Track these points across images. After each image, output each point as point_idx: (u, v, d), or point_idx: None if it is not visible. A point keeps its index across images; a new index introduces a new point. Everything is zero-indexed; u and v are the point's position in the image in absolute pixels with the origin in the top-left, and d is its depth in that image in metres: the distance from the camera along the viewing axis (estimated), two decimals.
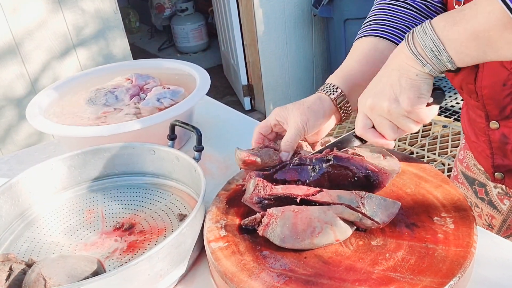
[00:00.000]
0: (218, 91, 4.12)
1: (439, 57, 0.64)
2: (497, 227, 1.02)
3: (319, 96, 0.83)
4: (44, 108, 1.18)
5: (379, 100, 0.69)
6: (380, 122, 0.72)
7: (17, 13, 2.35)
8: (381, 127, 0.72)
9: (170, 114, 1.05)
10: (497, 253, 0.75)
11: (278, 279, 0.67)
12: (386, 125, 0.71)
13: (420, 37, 0.65)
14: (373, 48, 0.86)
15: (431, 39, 0.64)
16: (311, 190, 0.76)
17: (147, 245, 0.84)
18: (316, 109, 0.81)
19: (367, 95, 0.72)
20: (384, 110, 0.70)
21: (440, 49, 0.63)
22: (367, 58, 0.85)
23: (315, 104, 0.82)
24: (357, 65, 0.85)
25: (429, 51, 0.64)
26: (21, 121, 2.51)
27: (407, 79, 0.67)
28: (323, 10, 3.21)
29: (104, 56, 2.69)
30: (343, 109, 0.84)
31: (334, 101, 0.83)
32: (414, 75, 0.67)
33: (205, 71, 1.24)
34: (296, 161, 0.80)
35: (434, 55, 0.64)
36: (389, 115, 0.70)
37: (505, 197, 0.98)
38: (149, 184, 1.01)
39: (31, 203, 0.95)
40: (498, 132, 0.89)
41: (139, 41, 5.67)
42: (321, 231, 0.71)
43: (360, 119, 0.75)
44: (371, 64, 0.84)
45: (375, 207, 0.72)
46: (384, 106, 0.69)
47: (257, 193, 0.77)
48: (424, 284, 0.63)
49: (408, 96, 0.67)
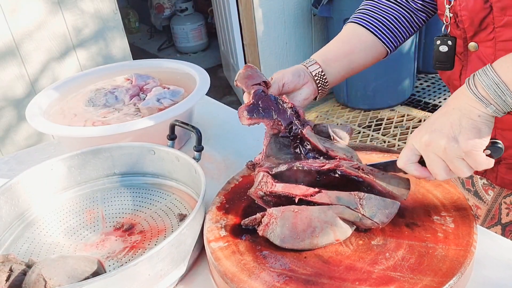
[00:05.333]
0: (218, 91, 4.12)
1: (503, 98, 0.64)
2: (482, 217, 1.05)
3: (299, 65, 0.95)
4: (44, 109, 1.18)
5: (436, 138, 0.68)
6: (433, 160, 0.70)
7: (17, 13, 2.35)
8: (434, 166, 0.70)
9: (170, 114, 1.05)
10: (497, 253, 0.75)
11: (278, 279, 0.67)
12: (439, 165, 0.70)
13: (482, 79, 0.65)
14: (351, 31, 0.98)
15: (493, 80, 0.64)
16: (310, 190, 0.76)
17: (147, 245, 0.84)
18: (294, 70, 0.92)
19: (424, 131, 0.70)
20: (441, 148, 0.68)
21: (503, 89, 0.64)
22: (344, 39, 0.98)
23: (296, 67, 0.94)
24: (335, 43, 0.98)
25: (492, 92, 0.64)
26: (21, 122, 2.51)
27: (468, 119, 0.66)
28: (323, 9, 3.22)
29: (103, 56, 2.69)
30: (319, 78, 0.94)
31: (310, 68, 0.94)
32: (476, 116, 0.66)
33: (205, 71, 1.24)
34: (300, 168, 0.80)
35: (497, 96, 0.64)
36: (445, 154, 0.68)
37: (489, 188, 1.01)
38: (149, 184, 1.01)
39: (31, 204, 0.95)
40: None
41: (138, 41, 5.68)
42: (321, 231, 0.71)
43: (405, 153, 0.74)
44: (346, 43, 0.97)
45: (374, 208, 0.72)
46: (441, 144, 0.68)
47: (261, 188, 0.78)
48: (424, 283, 0.63)
49: (468, 136, 0.66)
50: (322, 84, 0.94)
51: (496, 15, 0.78)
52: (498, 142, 0.69)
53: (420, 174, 0.73)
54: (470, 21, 0.82)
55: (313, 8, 3.34)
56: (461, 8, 0.82)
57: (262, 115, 0.83)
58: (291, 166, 0.80)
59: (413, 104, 3.55)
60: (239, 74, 0.89)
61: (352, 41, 0.97)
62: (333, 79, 0.95)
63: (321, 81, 0.94)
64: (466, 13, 0.82)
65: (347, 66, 0.96)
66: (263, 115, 0.83)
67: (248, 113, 0.82)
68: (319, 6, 3.23)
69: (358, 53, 0.96)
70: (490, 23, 0.80)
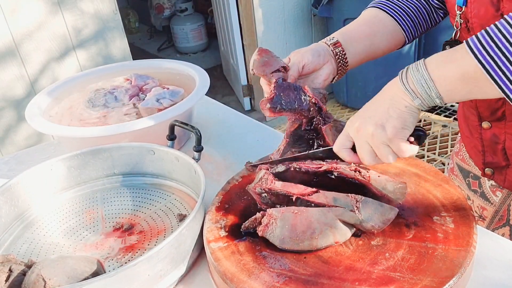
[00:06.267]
0: (218, 91, 4.12)
1: (429, 93, 0.68)
2: (489, 218, 1.05)
3: (318, 43, 0.93)
4: (44, 109, 1.18)
5: (366, 124, 0.73)
6: (361, 146, 0.75)
7: (17, 14, 2.35)
8: (361, 151, 0.75)
9: (170, 114, 1.05)
10: (497, 253, 0.75)
11: (278, 279, 0.67)
12: (366, 150, 0.74)
13: (413, 74, 0.69)
14: (373, 15, 0.97)
15: (423, 76, 0.68)
16: (307, 190, 0.76)
17: (147, 246, 0.84)
18: (313, 49, 0.90)
19: (357, 116, 0.75)
20: (369, 134, 0.72)
21: (430, 86, 0.68)
22: (366, 21, 0.96)
23: (314, 46, 0.91)
24: (356, 25, 0.96)
25: (420, 87, 0.68)
26: (20, 122, 2.51)
27: (396, 109, 0.71)
28: (323, 10, 3.22)
29: (103, 56, 2.69)
30: (339, 56, 0.91)
31: (331, 47, 0.91)
32: (403, 106, 0.71)
33: (205, 71, 1.24)
34: (297, 169, 0.81)
35: (424, 91, 0.68)
36: (372, 140, 0.73)
37: (497, 189, 1.01)
38: (148, 184, 1.01)
39: (31, 204, 0.95)
40: (490, 131, 0.91)
41: (138, 42, 5.68)
42: (320, 233, 0.71)
43: (340, 139, 0.78)
44: (368, 25, 0.95)
45: (371, 212, 0.71)
46: (369, 130, 0.72)
47: (260, 184, 0.78)
48: (424, 283, 0.63)
49: (394, 124, 0.71)
50: (342, 64, 0.92)
51: None
52: (421, 130, 0.73)
53: (350, 159, 0.77)
54: (481, 28, 0.80)
55: (313, 8, 3.34)
56: (472, 15, 0.81)
57: (285, 108, 0.82)
58: (289, 167, 0.80)
59: None
60: (254, 61, 0.86)
61: (374, 24, 0.95)
62: (353, 59, 0.93)
63: (341, 60, 0.92)
64: (476, 20, 0.81)
65: (368, 48, 0.95)
66: (286, 108, 0.82)
67: (271, 106, 0.81)
68: (319, 6, 3.23)
69: (380, 36, 0.95)
70: None
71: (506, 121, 0.87)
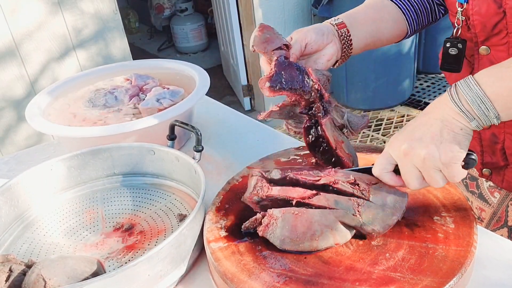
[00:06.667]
0: (218, 91, 4.12)
1: (487, 113, 0.64)
2: (487, 220, 1.04)
3: (323, 23, 0.91)
4: (44, 109, 1.18)
5: (417, 147, 0.66)
6: (409, 170, 0.69)
7: (17, 14, 2.35)
8: (408, 175, 0.69)
9: (170, 115, 1.04)
10: (497, 253, 0.74)
11: (278, 279, 0.67)
12: (414, 175, 0.69)
13: (465, 92, 0.64)
14: (379, 1, 0.96)
15: (477, 95, 0.64)
16: (307, 192, 0.75)
17: (147, 246, 0.84)
18: (317, 28, 0.87)
19: (403, 140, 0.69)
20: (420, 158, 0.66)
21: (488, 106, 0.64)
22: (372, 6, 0.96)
23: (318, 25, 0.88)
24: (362, 8, 0.95)
25: (476, 107, 0.64)
26: (20, 122, 2.51)
27: (450, 132, 0.66)
28: (323, 10, 3.22)
29: (103, 56, 2.69)
30: (344, 37, 0.89)
31: (336, 27, 0.89)
32: (458, 129, 0.66)
33: (205, 71, 1.24)
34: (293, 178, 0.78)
35: (482, 112, 0.64)
36: (423, 164, 0.67)
37: (495, 190, 1.00)
38: (149, 184, 1.01)
39: (31, 204, 0.95)
40: (489, 131, 0.91)
41: (138, 42, 5.68)
42: (321, 235, 0.70)
43: (381, 162, 0.73)
44: (373, 10, 0.94)
45: (371, 217, 0.71)
46: (421, 154, 0.66)
47: (256, 193, 0.77)
48: (424, 283, 0.63)
49: (449, 149, 0.65)
50: (346, 46, 0.89)
51: (509, 20, 0.77)
52: (472, 154, 0.68)
53: (395, 183, 0.72)
54: (482, 26, 0.80)
55: (313, 8, 3.34)
56: (473, 12, 0.80)
57: (285, 88, 0.77)
58: (285, 176, 0.77)
59: (413, 104, 3.55)
60: (255, 38, 0.81)
61: (380, 9, 0.94)
62: (357, 43, 0.91)
63: (346, 42, 0.89)
64: (478, 18, 0.80)
65: (373, 33, 0.93)
66: (286, 88, 0.77)
67: (270, 84, 0.76)
68: (319, 6, 3.23)
69: (385, 22, 0.94)
70: (503, 28, 0.79)
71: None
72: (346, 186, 0.74)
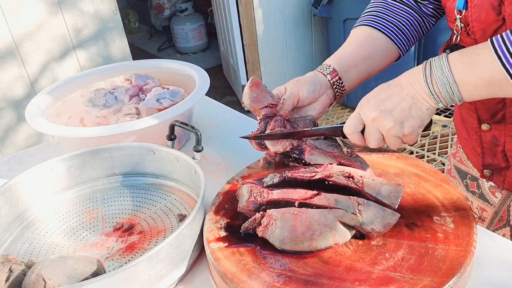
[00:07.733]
0: (218, 91, 4.12)
1: (452, 97, 0.70)
2: (488, 219, 1.04)
3: (315, 72, 0.93)
4: (43, 109, 1.18)
5: (385, 118, 0.74)
6: (373, 133, 0.77)
7: (17, 14, 2.35)
8: (371, 136, 0.78)
9: (170, 115, 1.05)
10: (497, 253, 0.75)
11: (278, 279, 0.67)
12: (376, 138, 0.77)
13: (438, 76, 0.70)
14: (367, 35, 0.95)
15: (448, 80, 0.69)
16: (308, 193, 0.75)
17: (147, 246, 0.84)
18: (310, 80, 0.90)
19: (374, 106, 0.76)
20: (386, 128, 0.75)
21: (455, 90, 0.69)
22: (361, 44, 0.95)
23: (311, 77, 0.91)
24: (351, 49, 0.95)
25: (444, 92, 0.70)
26: (20, 122, 2.51)
27: (417, 110, 0.73)
28: (323, 10, 3.22)
29: (103, 56, 2.69)
30: (337, 86, 0.92)
31: (328, 76, 0.91)
32: (425, 108, 0.73)
33: (205, 72, 1.24)
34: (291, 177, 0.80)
35: (448, 95, 0.70)
36: (387, 132, 0.76)
37: (497, 190, 1.00)
38: (148, 184, 1.01)
39: (31, 204, 0.95)
40: (489, 134, 0.91)
41: (138, 42, 5.68)
42: (320, 235, 0.71)
43: (353, 122, 0.79)
44: (364, 48, 0.94)
45: (372, 216, 0.71)
46: (387, 125, 0.75)
47: (254, 200, 0.77)
48: (424, 283, 0.63)
49: (413, 124, 0.74)
50: (339, 92, 0.93)
51: (509, 27, 0.76)
52: None
53: (360, 142, 0.80)
54: (482, 32, 0.80)
55: (313, 8, 3.34)
56: (472, 19, 0.80)
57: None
58: (282, 178, 0.80)
59: None
60: (245, 95, 0.90)
61: (369, 45, 0.95)
62: (350, 85, 0.94)
63: (338, 89, 0.92)
64: (477, 24, 0.80)
65: (365, 71, 0.95)
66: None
67: (256, 143, 0.90)
68: (319, 6, 3.23)
69: (376, 57, 0.95)
70: None
71: (506, 123, 0.87)
72: (340, 178, 0.76)
